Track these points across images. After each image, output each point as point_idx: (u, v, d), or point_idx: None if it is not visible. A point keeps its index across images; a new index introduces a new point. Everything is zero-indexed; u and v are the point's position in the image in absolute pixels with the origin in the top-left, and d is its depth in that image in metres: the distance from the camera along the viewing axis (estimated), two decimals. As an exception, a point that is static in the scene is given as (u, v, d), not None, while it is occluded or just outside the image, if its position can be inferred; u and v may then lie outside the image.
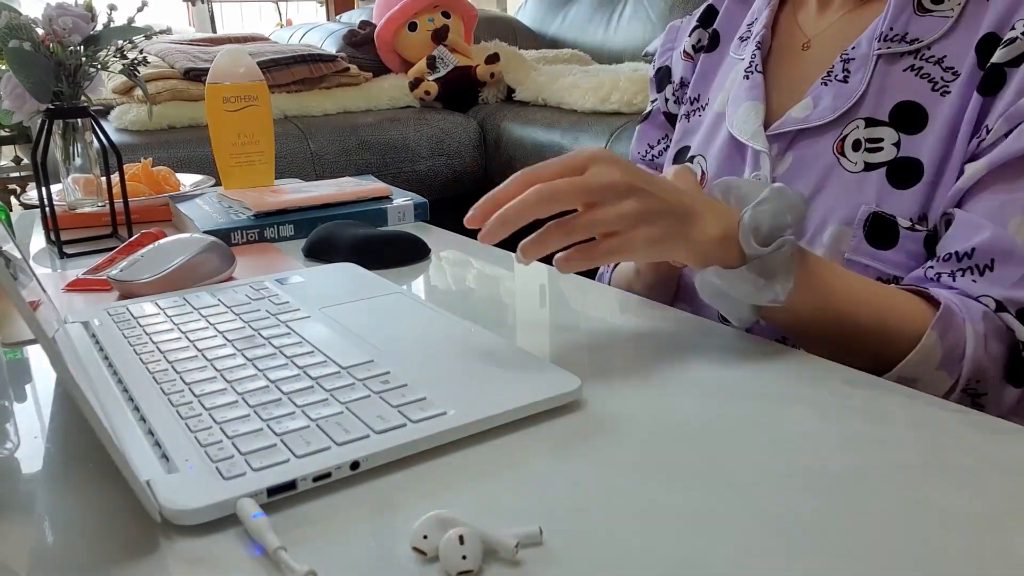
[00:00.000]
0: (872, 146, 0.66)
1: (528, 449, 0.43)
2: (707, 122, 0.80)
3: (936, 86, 0.65)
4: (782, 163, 0.71)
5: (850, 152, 0.67)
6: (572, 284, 0.74)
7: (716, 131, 0.78)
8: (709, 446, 0.43)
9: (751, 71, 0.75)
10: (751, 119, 0.73)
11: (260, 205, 0.90)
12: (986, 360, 0.57)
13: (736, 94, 0.76)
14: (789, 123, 0.70)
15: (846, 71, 0.69)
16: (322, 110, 2.10)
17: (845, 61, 0.69)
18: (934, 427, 0.46)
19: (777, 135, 0.71)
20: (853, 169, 0.67)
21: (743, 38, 0.80)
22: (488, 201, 0.52)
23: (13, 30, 0.82)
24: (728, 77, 0.80)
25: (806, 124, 0.69)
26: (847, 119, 0.68)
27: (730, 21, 0.83)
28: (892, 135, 0.66)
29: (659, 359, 0.55)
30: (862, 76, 0.68)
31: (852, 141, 0.67)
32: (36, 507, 0.39)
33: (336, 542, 0.36)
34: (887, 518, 0.37)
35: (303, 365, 0.51)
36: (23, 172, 3.05)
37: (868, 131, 0.66)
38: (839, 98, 0.68)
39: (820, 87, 0.70)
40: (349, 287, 0.68)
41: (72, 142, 0.92)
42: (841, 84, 0.68)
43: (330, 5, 4.21)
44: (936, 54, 0.65)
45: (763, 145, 0.71)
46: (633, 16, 2.46)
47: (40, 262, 0.85)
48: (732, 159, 0.75)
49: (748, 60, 0.76)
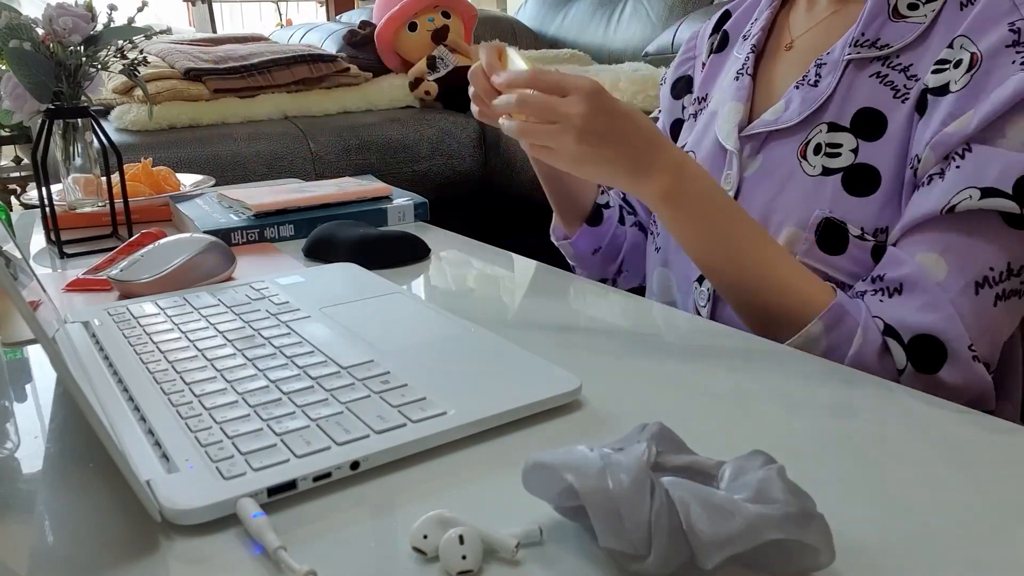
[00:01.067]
0: (831, 151, 0.66)
1: (528, 449, 0.43)
2: (702, 120, 0.81)
3: (898, 93, 0.65)
4: (752, 164, 0.72)
5: (811, 156, 0.67)
6: (572, 284, 0.74)
7: (707, 129, 0.79)
8: (709, 446, 0.43)
9: (742, 72, 0.76)
10: (729, 120, 0.74)
11: (260, 205, 0.90)
12: (876, 368, 0.58)
13: (724, 95, 0.77)
14: (760, 125, 0.71)
15: (818, 75, 0.69)
16: (322, 110, 2.10)
17: (819, 66, 0.69)
18: (934, 427, 0.46)
19: (750, 136, 0.72)
20: (812, 173, 0.67)
21: (745, 36, 0.81)
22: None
23: (13, 30, 0.82)
24: (728, 76, 0.80)
25: (775, 126, 0.70)
26: (812, 123, 0.68)
27: (740, 21, 0.84)
28: (851, 141, 0.66)
29: (659, 359, 0.55)
30: (830, 81, 0.68)
31: (814, 145, 0.67)
32: (36, 507, 0.39)
33: (336, 542, 0.36)
34: (887, 518, 0.37)
35: (303, 365, 0.51)
36: (23, 172, 3.05)
37: (830, 136, 0.67)
38: (806, 101, 0.69)
39: (793, 90, 0.70)
40: (349, 287, 0.68)
41: (72, 142, 0.92)
42: (811, 88, 0.69)
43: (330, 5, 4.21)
44: (904, 62, 0.65)
45: (734, 146, 0.73)
46: (633, 16, 2.46)
47: (40, 262, 0.85)
48: (716, 158, 0.76)
49: (742, 62, 0.77)
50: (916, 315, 0.58)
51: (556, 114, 0.60)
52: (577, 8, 2.71)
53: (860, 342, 0.59)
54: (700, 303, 0.75)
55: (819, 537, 0.31)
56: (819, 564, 0.32)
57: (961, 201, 0.57)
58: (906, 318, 0.59)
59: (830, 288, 0.62)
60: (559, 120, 0.60)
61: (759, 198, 0.70)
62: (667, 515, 0.30)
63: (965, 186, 0.58)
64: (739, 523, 0.30)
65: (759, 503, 0.31)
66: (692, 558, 0.31)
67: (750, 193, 0.71)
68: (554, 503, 0.35)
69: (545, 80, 0.61)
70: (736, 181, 0.72)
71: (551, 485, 0.34)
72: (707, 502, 0.31)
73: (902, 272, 0.60)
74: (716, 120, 0.77)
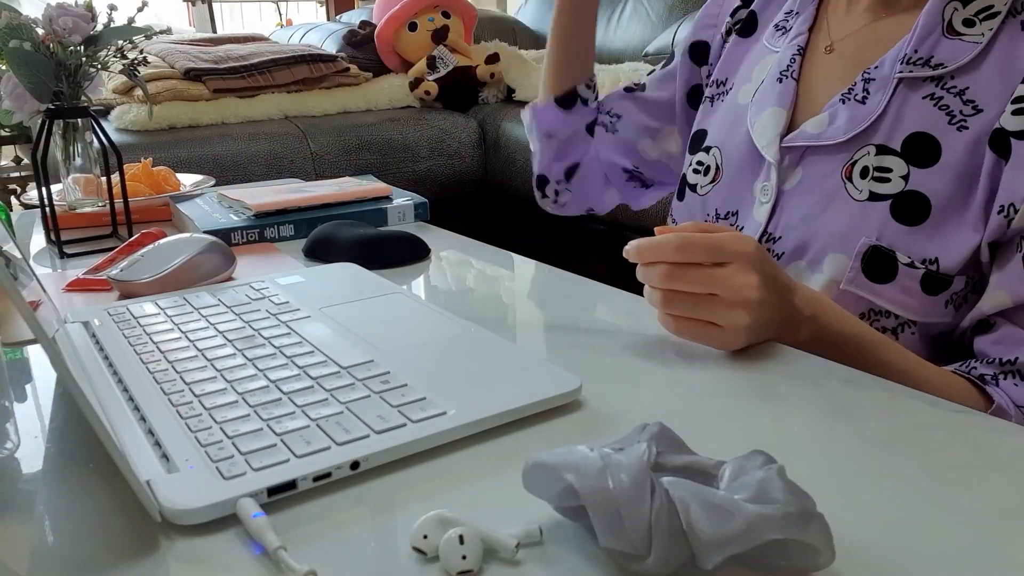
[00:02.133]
0: (880, 175, 0.64)
1: (528, 449, 0.43)
2: (729, 113, 0.78)
3: (953, 119, 0.62)
4: (792, 177, 0.69)
5: (857, 179, 0.65)
6: (572, 284, 0.74)
7: (737, 125, 0.76)
8: (709, 446, 0.43)
9: (786, 75, 0.72)
10: (771, 126, 0.71)
11: (260, 205, 0.90)
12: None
13: (765, 95, 0.73)
14: (802, 137, 0.69)
15: (865, 91, 0.66)
16: (322, 110, 2.11)
17: (866, 80, 0.66)
18: (934, 427, 0.46)
19: (790, 147, 0.69)
20: (858, 197, 0.65)
21: (779, 27, 0.77)
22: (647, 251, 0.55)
23: (13, 30, 0.82)
24: (756, 67, 0.77)
25: (818, 141, 0.67)
26: (859, 143, 0.66)
27: (770, 7, 0.80)
28: (902, 167, 0.63)
29: (659, 359, 0.55)
30: (880, 99, 0.65)
31: (861, 168, 0.65)
32: (36, 507, 0.39)
33: (336, 542, 0.36)
34: (887, 518, 0.37)
35: (303, 365, 0.51)
36: (23, 172, 3.05)
37: (878, 159, 0.64)
38: (854, 119, 0.66)
39: (838, 103, 0.67)
40: (349, 287, 0.68)
41: (72, 142, 0.92)
42: (858, 104, 0.66)
43: (330, 5, 4.21)
44: (959, 85, 0.62)
45: (774, 157, 0.70)
46: (633, 16, 2.46)
47: (40, 262, 0.85)
48: (749, 163, 0.73)
49: (786, 63, 0.73)
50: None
51: (718, 286, 0.53)
52: (577, 8, 2.70)
53: None
54: None
55: (819, 537, 0.31)
56: (819, 564, 0.32)
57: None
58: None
59: (978, 392, 0.60)
60: (723, 293, 0.53)
61: (798, 213, 0.68)
62: (667, 515, 0.30)
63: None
64: (739, 523, 0.30)
65: (759, 503, 0.31)
66: (692, 558, 0.31)
67: (789, 208, 0.69)
68: (554, 503, 0.35)
69: (698, 245, 0.53)
70: (774, 193, 0.70)
71: (551, 485, 0.34)
72: (707, 502, 0.31)
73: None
74: (749, 119, 0.74)
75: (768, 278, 0.54)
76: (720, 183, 0.76)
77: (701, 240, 0.53)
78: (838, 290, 0.65)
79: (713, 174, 0.77)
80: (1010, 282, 0.60)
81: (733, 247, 0.53)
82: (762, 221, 0.70)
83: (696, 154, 0.80)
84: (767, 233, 0.70)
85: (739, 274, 0.53)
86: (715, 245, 0.53)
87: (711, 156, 0.77)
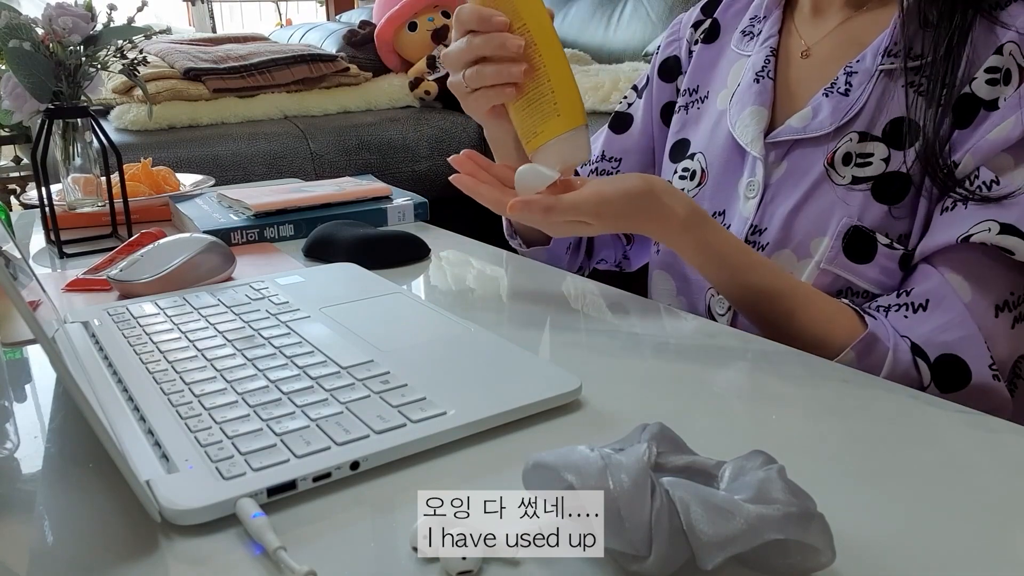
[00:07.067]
0: (862, 161, 0.66)
1: (528, 449, 0.43)
2: (709, 119, 0.80)
3: (933, 101, 0.63)
4: (777, 170, 0.71)
5: (840, 165, 0.67)
6: (572, 284, 0.74)
7: (717, 129, 0.78)
8: (709, 446, 0.43)
9: (763, 76, 0.74)
10: (753, 124, 0.73)
11: (260, 205, 0.90)
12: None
13: (743, 96, 0.75)
14: (787, 132, 0.70)
15: (848, 84, 0.68)
16: (322, 110, 2.10)
17: (848, 74, 0.68)
18: (935, 427, 0.46)
19: (775, 143, 0.71)
20: (840, 182, 0.67)
21: (746, 32, 0.79)
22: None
23: (13, 30, 0.82)
24: (729, 72, 0.79)
25: (803, 134, 0.69)
26: (843, 132, 0.67)
27: (729, 11, 0.82)
28: (883, 151, 0.65)
29: (659, 359, 0.55)
30: (863, 90, 0.67)
31: (843, 154, 0.67)
32: (36, 507, 0.39)
33: (336, 542, 0.36)
34: (887, 518, 0.37)
35: (303, 365, 0.51)
36: (23, 172, 3.05)
37: (860, 145, 0.66)
38: (837, 111, 0.68)
39: (821, 98, 0.69)
40: (349, 287, 0.68)
41: (72, 142, 0.92)
42: (841, 97, 0.68)
43: (330, 5, 4.21)
44: (940, 70, 0.63)
45: (760, 152, 0.71)
46: (633, 16, 2.45)
47: (40, 262, 0.85)
48: (732, 160, 0.75)
49: (761, 64, 0.75)
50: (942, 334, 0.59)
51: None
52: (577, 8, 2.70)
53: (891, 366, 0.59)
54: (719, 311, 0.74)
55: (819, 537, 0.31)
56: (819, 564, 0.32)
57: (977, 233, 0.58)
58: (933, 337, 0.59)
59: (858, 315, 0.62)
60: None
61: (783, 205, 0.70)
62: (667, 515, 0.30)
63: (986, 218, 0.59)
64: (739, 523, 0.30)
65: (759, 503, 0.31)
66: (693, 558, 0.31)
67: (775, 200, 0.70)
68: (554, 503, 0.35)
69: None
70: (761, 187, 0.71)
71: (551, 485, 0.34)
72: (708, 502, 0.31)
73: (929, 286, 0.61)
74: (729, 120, 0.75)
75: (612, 212, 0.61)
76: (706, 185, 0.77)
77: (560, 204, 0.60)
78: (818, 270, 0.66)
79: (699, 178, 0.78)
80: (938, 228, 0.62)
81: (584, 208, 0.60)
82: (749, 216, 0.72)
83: (680, 162, 0.81)
84: (754, 226, 0.71)
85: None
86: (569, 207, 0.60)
87: (695, 162, 0.79)
